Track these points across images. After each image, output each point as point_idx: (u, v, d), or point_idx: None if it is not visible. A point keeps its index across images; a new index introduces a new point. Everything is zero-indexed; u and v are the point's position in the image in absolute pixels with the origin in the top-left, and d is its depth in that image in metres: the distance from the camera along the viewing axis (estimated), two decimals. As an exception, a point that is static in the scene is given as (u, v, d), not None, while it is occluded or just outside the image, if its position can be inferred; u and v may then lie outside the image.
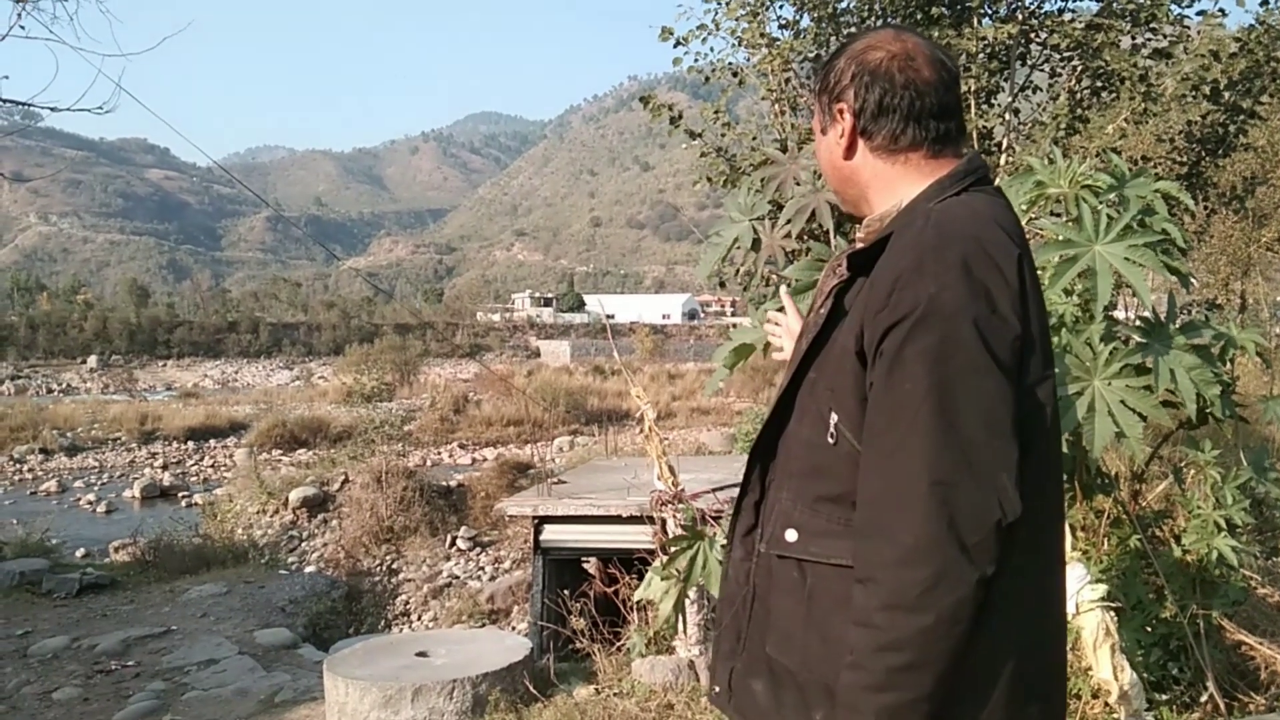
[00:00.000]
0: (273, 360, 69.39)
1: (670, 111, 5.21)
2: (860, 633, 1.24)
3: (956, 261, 1.24)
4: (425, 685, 4.62)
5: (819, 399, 1.38)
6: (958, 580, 1.19)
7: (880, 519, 1.24)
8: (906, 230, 1.32)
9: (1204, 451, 3.02)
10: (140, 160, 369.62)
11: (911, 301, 1.23)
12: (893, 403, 1.24)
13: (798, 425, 1.42)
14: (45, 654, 6.88)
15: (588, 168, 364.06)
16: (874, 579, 1.23)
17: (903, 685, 1.20)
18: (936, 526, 1.19)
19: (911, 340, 1.23)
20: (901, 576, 1.20)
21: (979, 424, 1.22)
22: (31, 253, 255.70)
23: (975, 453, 1.21)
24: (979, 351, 1.22)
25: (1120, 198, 2.81)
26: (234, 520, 13.67)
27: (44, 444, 26.99)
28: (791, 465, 1.42)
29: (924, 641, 1.19)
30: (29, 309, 77.19)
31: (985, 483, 1.21)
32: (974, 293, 1.23)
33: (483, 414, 27.77)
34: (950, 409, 1.21)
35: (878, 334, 1.26)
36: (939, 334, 1.22)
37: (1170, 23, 4.86)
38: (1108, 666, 2.36)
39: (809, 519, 1.38)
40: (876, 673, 1.21)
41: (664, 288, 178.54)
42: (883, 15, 5.03)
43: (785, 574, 1.40)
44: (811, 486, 1.38)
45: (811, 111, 4.85)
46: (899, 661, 1.20)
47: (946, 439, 1.21)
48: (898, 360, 1.24)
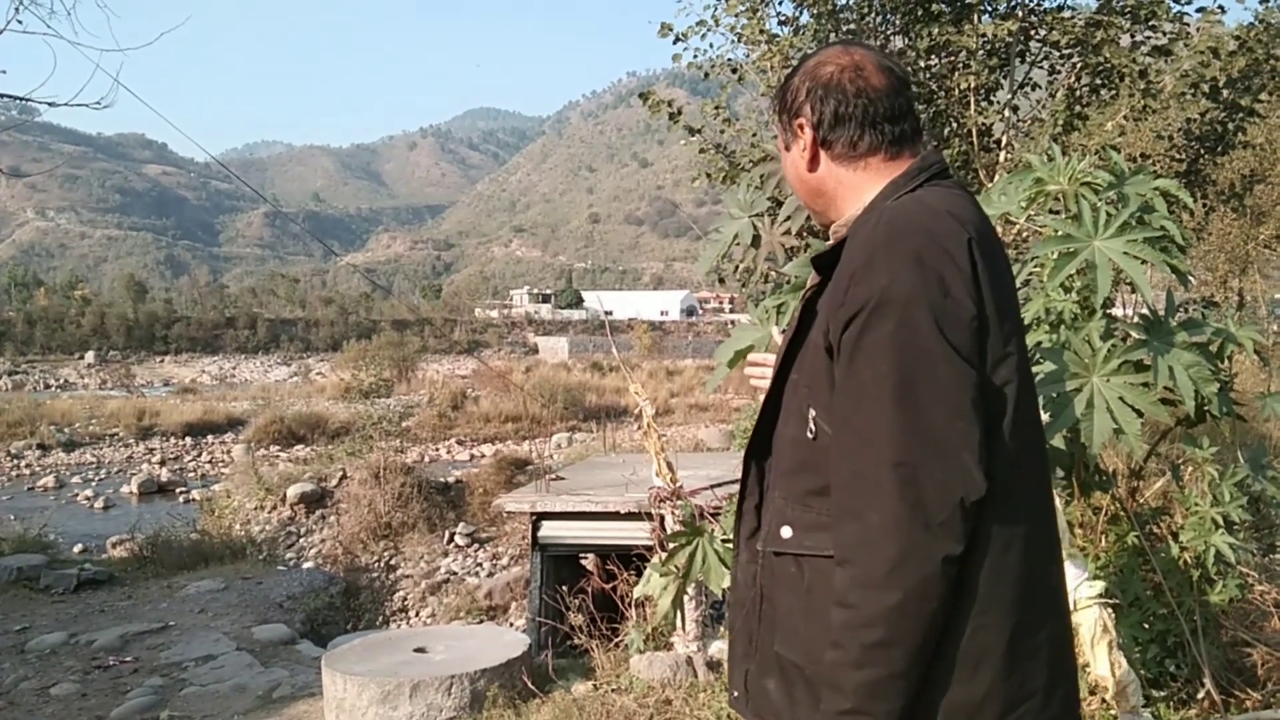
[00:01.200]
0: (270, 356, 69.32)
1: (670, 108, 5.20)
2: (838, 612, 1.28)
3: (908, 253, 1.29)
4: (424, 681, 4.63)
5: (800, 398, 1.43)
6: (924, 558, 1.22)
7: (850, 502, 1.29)
8: (860, 229, 1.38)
9: (1202, 449, 3.02)
10: (138, 155, 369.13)
11: (865, 294, 1.29)
12: (854, 390, 1.30)
13: (784, 426, 1.47)
14: (43, 649, 6.88)
15: (586, 164, 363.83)
16: (848, 560, 1.28)
17: (877, 661, 1.24)
18: (901, 506, 1.23)
19: (868, 330, 1.28)
20: (870, 555, 1.25)
21: (938, 406, 1.26)
22: (29, 248, 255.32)
23: (936, 434, 1.25)
24: (934, 337, 1.27)
25: (1119, 195, 2.81)
26: (232, 516, 13.67)
27: (41, 439, 26.97)
28: (782, 464, 1.47)
29: (895, 618, 1.23)
30: (26, 304, 77.11)
31: (947, 463, 1.25)
32: (926, 281, 1.28)
33: (481, 410, 27.78)
34: (909, 393, 1.26)
35: (838, 328, 1.32)
36: (893, 322, 1.27)
37: (1170, 20, 4.85)
38: (1105, 663, 2.37)
39: (800, 514, 1.42)
40: (853, 649, 1.25)
41: (662, 284, 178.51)
42: (882, 11, 5.03)
43: (785, 571, 1.44)
44: (800, 482, 1.42)
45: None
46: (872, 638, 1.24)
47: (907, 422, 1.25)
48: (856, 349, 1.29)
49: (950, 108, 5.04)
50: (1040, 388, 2.66)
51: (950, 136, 5.07)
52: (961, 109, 5.01)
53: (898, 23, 5.09)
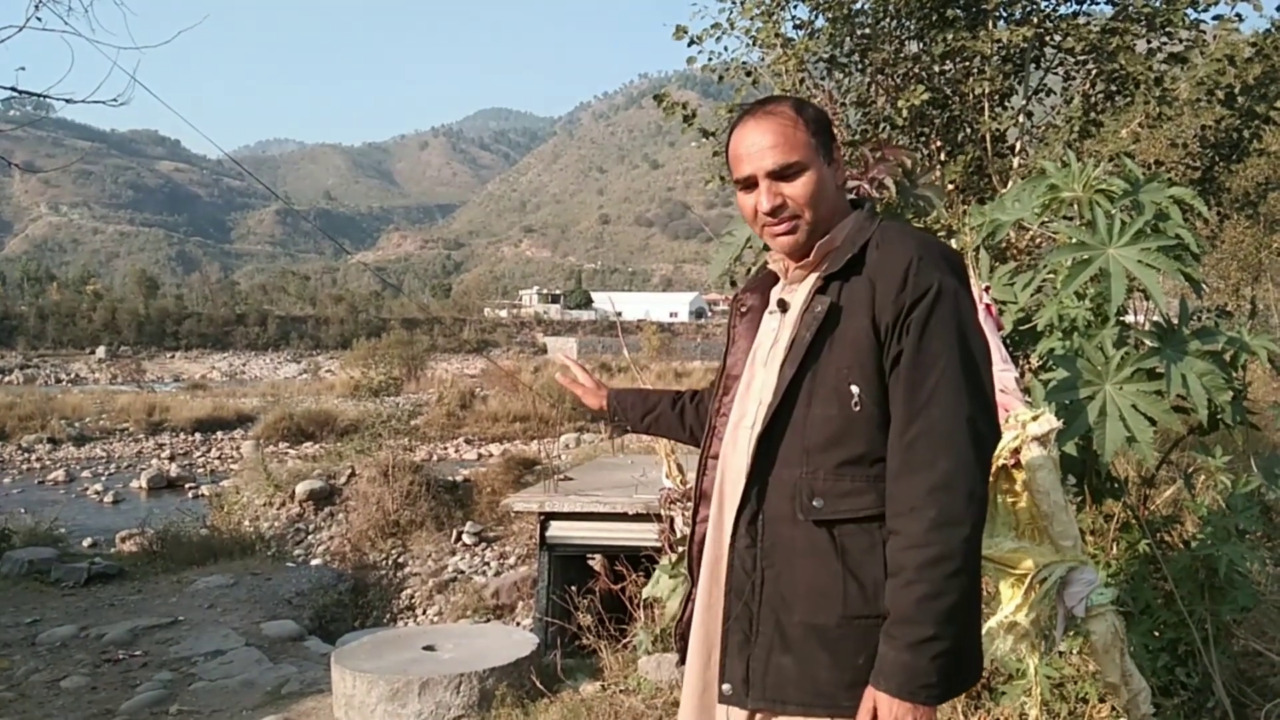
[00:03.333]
0: (280, 353, 69.50)
1: (684, 110, 5.21)
2: (909, 554, 1.49)
3: (940, 256, 1.61)
4: (432, 679, 4.64)
5: (831, 379, 1.61)
6: (983, 494, 1.52)
7: (920, 455, 1.52)
8: (888, 239, 1.65)
9: (1215, 457, 3.02)
10: (151, 152, 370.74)
11: (927, 282, 1.56)
12: (926, 361, 1.54)
13: (805, 410, 1.62)
14: (54, 642, 6.92)
15: (597, 165, 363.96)
16: (917, 506, 1.50)
17: (956, 588, 1.47)
18: (972, 452, 1.52)
19: (935, 310, 1.55)
20: (945, 497, 1.49)
21: (984, 369, 1.59)
22: (42, 243, 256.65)
23: (985, 393, 1.58)
24: (974, 317, 1.60)
25: (1134, 203, 2.80)
26: (241, 512, 13.71)
27: (52, 433, 27.08)
28: (808, 443, 1.61)
29: (967, 549, 1.49)
30: (38, 299, 77.44)
31: (992, 412, 1.58)
32: (958, 277, 1.61)
33: (489, 409, 27.77)
34: (969, 361, 1.56)
35: (903, 309, 1.56)
36: (952, 304, 1.56)
37: (1186, 27, 4.84)
38: (1116, 670, 2.36)
39: (833, 484, 1.59)
40: (933, 582, 1.47)
41: (672, 286, 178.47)
42: (897, 16, 5.03)
43: (814, 540, 1.60)
44: (832, 455, 1.60)
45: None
46: (950, 568, 1.47)
47: (970, 383, 1.55)
48: (926, 327, 1.55)
49: (964, 113, 5.03)
50: (1052, 395, 2.66)
51: (964, 142, 5.06)
52: (975, 114, 5.00)
53: (912, 28, 5.09)
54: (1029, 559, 2.28)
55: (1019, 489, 2.34)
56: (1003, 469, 2.33)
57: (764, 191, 1.67)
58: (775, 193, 1.67)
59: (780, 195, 1.67)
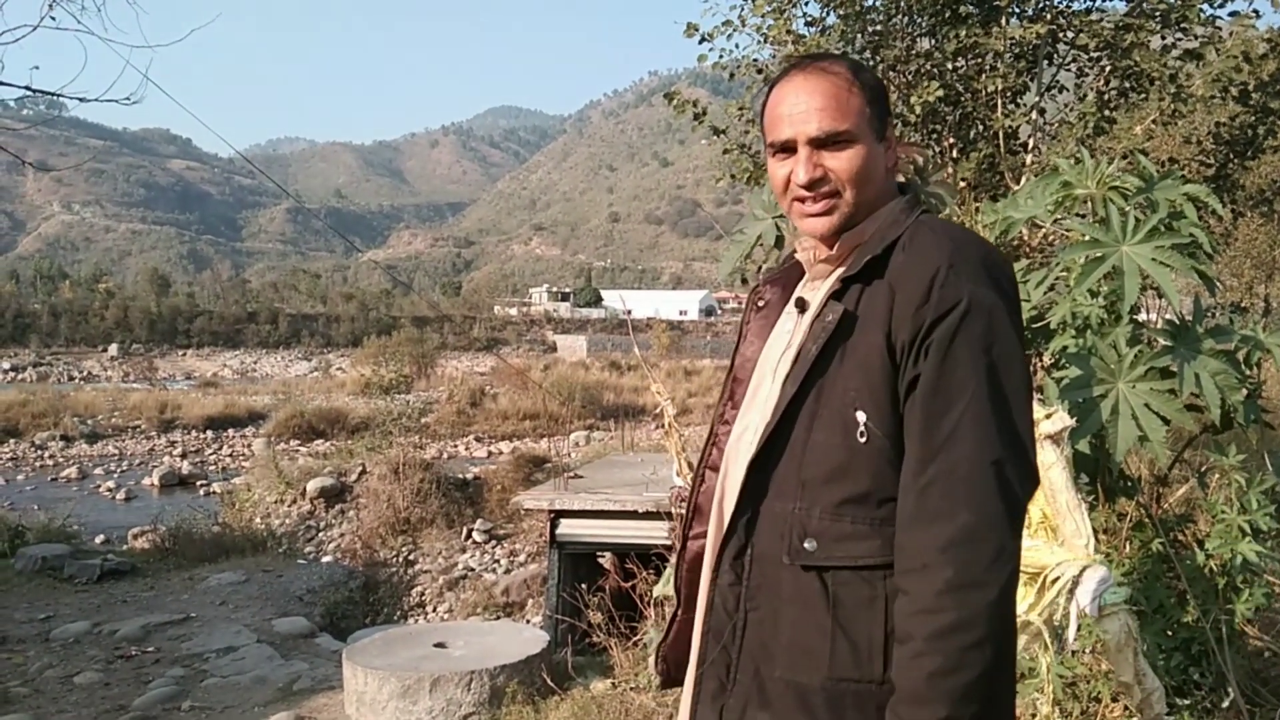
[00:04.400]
0: (291, 351, 69.75)
1: (694, 108, 5.20)
2: (918, 621, 1.24)
3: (979, 263, 1.33)
4: (443, 676, 4.65)
5: (837, 403, 1.36)
6: (1013, 552, 1.25)
7: (936, 503, 1.26)
8: (918, 239, 1.38)
9: (1228, 456, 3.00)
10: (163, 150, 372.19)
11: (955, 296, 1.30)
12: (946, 390, 1.29)
13: (806, 434, 1.38)
14: (67, 638, 6.96)
15: (607, 163, 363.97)
16: (930, 564, 1.24)
17: (971, 664, 1.21)
18: (997, 503, 1.25)
19: (962, 331, 1.29)
20: (964, 555, 1.23)
21: (1019, 406, 1.30)
22: (54, 241, 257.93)
23: (1018, 432, 1.29)
24: (1013, 340, 1.32)
25: (1148, 200, 2.79)
26: (252, 509, 13.77)
27: (65, 431, 27.23)
28: (804, 475, 1.37)
29: (990, 616, 1.22)
30: (51, 297, 77.89)
31: (1026, 457, 1.30)
32: (998, 290, 1.32)
33: (499, 407, 27.83)
34: (998, 393, 1.29)
35: (922, 327, 1.30)
36: (984, 324, 1.29)
37: (1201, 23, 4.81)
38: (1129, 670, 2.35)
39: (829, 525, 1.35)
40: (948, 655, 1.21)
41: (681, 284, 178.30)
42: (909, 13, 5.01)
43: (802, 586, 1.36)
44: (832, 491, 1.35)
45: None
46: (969, 640, 1.21)
47: (999, 421, 1.28)
48: (950, 351, 1.29)
49: (977, 110, 5.01)
50: (1066, 393, 2.65)
51: (977, 139, 5.04)
52: (988, 111, 4.98)
53: (925, 24, 5.07)
54: (1042, 558, 2.27)
55: (1032, 487, 2.33)
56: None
57: (803, 160, 1.42)
58: (816, 163, 1.42)
59: (821, 167, 1.42)
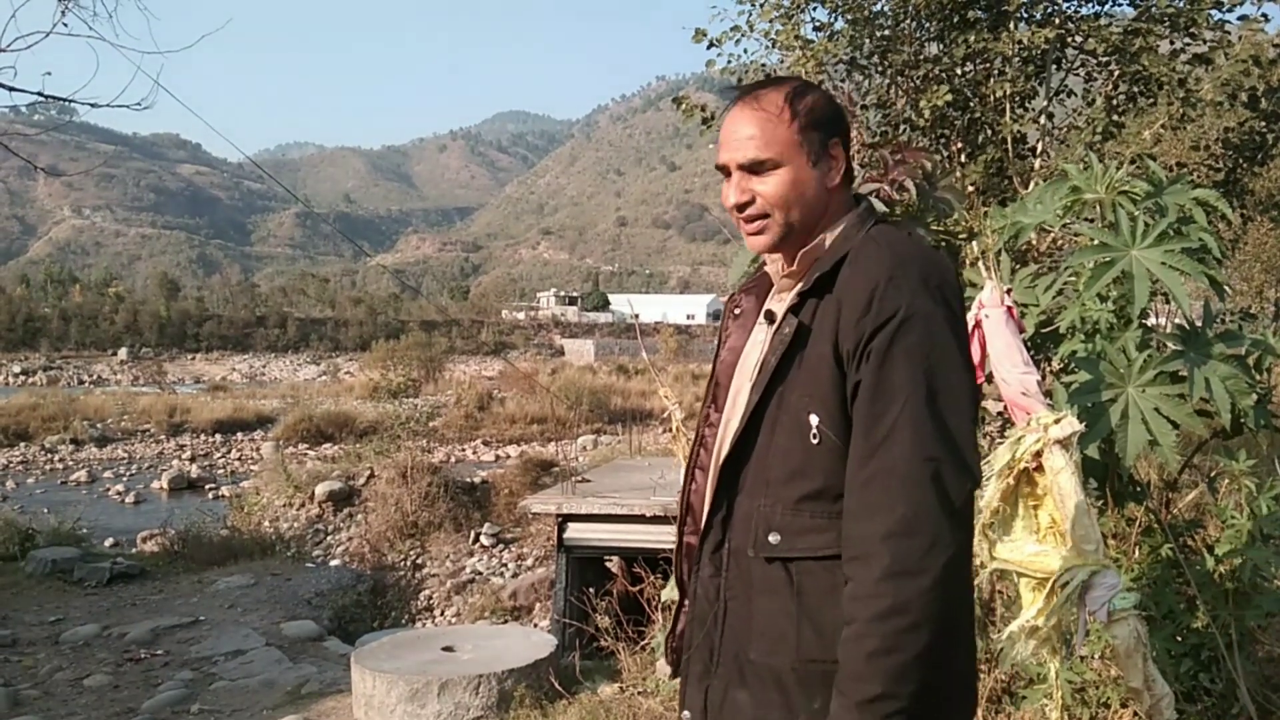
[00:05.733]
0: (300, 355, 69.92)
1: (702, 112, 5.21)
2: (860, 605, 1.35)
3: (918, 274, 1.44)
4: (452, 680, 4.66)
5: (794, 408, 1.49)
6: (949, 543, 1.35)
7: (875, 497, 1.38)
8: (863, 254, 1.49)
9: (1238, 461, 3.00)
10: (172, 155, 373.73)
11: (893, 306, 1.41)
12: (884, 395, 1.40)
13: (771, 438, 1.51)
14: (77, 641, 6.99)
15: (614, 167, 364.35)
16: (871, 553, 1.36)
17: (907, 646, 1.32)
18: (930, 497, 1.35)
19: (899, 338, 1.40)
20: (899, 545, 1.34)
21: (956, 408, 1.41)
22: (65, 245, 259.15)
23: (956, 433, 1.40)
24: (950, 346, 1.43)
25: (1157, 205, 2.79)
26: (261, 513, 13.81)
27: (75, 434, 27.35)
28: (768, 474, 1.50)
29: (925, 602, 1.33)
30: (61, 301, 78.19)
31: (962, 458, 1.39)
32: (936, 299, 1.43)
33: (507, 411, 27.85)
34: (934, 396, 1.39)
35: (863, 336, 1.42)
36: (920, 333, 1.40)
37: (1210, 28, 4.80)
38: (1139, 675, 2.35)
39: (791, 520, 1.48)
40: (885, 636, 1.33)
41: (689, 288, 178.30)
42: (917, 18, 5.01)
43: (769, 576, 1.49)
44: (792, 489, 1.48)
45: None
46: (904, 623, 1.32)
47: (934, 422, 1.38)
48: (888, 356, 1.40)
49: (985, 115, 5.01)
50: (1075, 398, 2.65)
51: (985, 143, 5.03)
52: (997, 116, 4.97)
53: (933, 29, 5.07)
54: (1050, 563, 2.27)
55: (1040, 492, 2.33)
56: (1025, 473, 2.32)
57: (734, 185, 1.58)
58: (744, 188, 1.57)
59: (750, 191, 1.57)
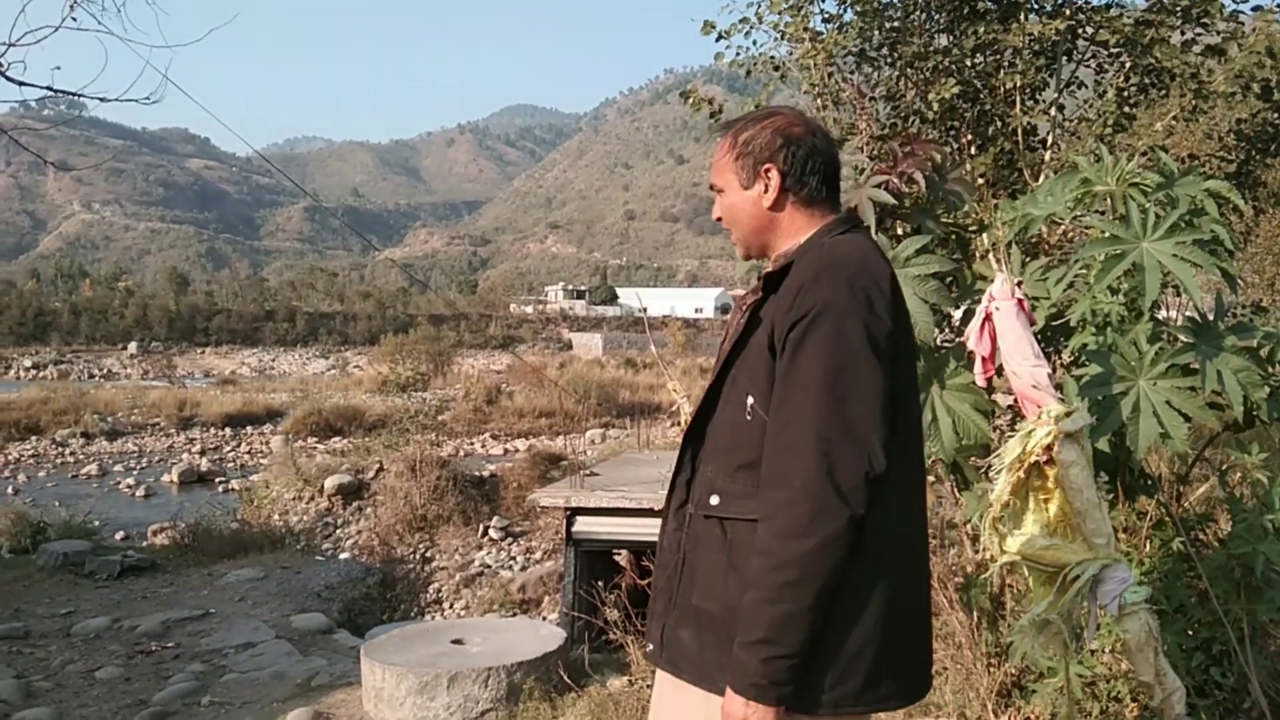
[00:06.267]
0: (309, 349, 70.08)
1: (710, 105, 5.19)
2: (757, 560, 1.57)
3: (844, 276, 1.62)
4: (461, 672, 4.67)
5: (740, 388, 1.72)
6: (834, 515, 1.53)
7: (778, 469, 1.59)
8: (806, 255, 1.71)
9: (1250, 454, 2.98)
10: (181, 150, 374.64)
11: (810, 303, 1.60)
12: (793, 379, 1.60)
13: (723, 412, 1.75)
14: (88, 633, 7.02)
15: (622, 161, 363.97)
16: (771, 516, 1.58)
17: (788, 598, 1.53)
18: (819, 472, 1.54)
19: (810, 331, 1.59)
20: (792, 511, 1.55)
21: (857, 397, 1.58)
22: (75, 240, 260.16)
23: (853, 419, 1.57)
24: (861, 341, 1.59)
25: (1168, 196, 2.77)
26: (270, 506, 13.86)
27: (85, 428, 27.46)
28: (718, 444, 1.75)
29: (807, 562, 1.52)
30: (72, 295, 78.57)
31: (859, 442, 1.56)
32: (856, 299, 1.61)
33: (515, 405, 27.87)
34: (836, 384, 1.57)
35: (785, 328, 1.62)
36: (830, 326, 1.59)
37: (1223, 18, 4.75)
38: (1149, 669, 2.34)
39: (729, 485, 1.70)
40: (769, 588, 1.54)
41: (697, 281, 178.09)
42: (927, 9, 4.98)
43: (710, 533, 1.72)
44: (732, 458, 1.71)
45: (853, 107, 4.76)
46: (787, 578, 1.52)
47: (832, 407, 1.57)
48: (800, 346, 1.60)
49: (995, 107, 4.97)
50: (1085, 390, 2.64)
51: (995, 136, 5.00)
52: (1007, 108, 4.94)
53: (943, 20, 5.04)
54: (1061, 556, 2.26)
55: (1051, 486, 2.32)
56: (1035, 466, 2.31)
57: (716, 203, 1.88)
58: (716, 206, 1.88)
59: (718, 208, 1.88)
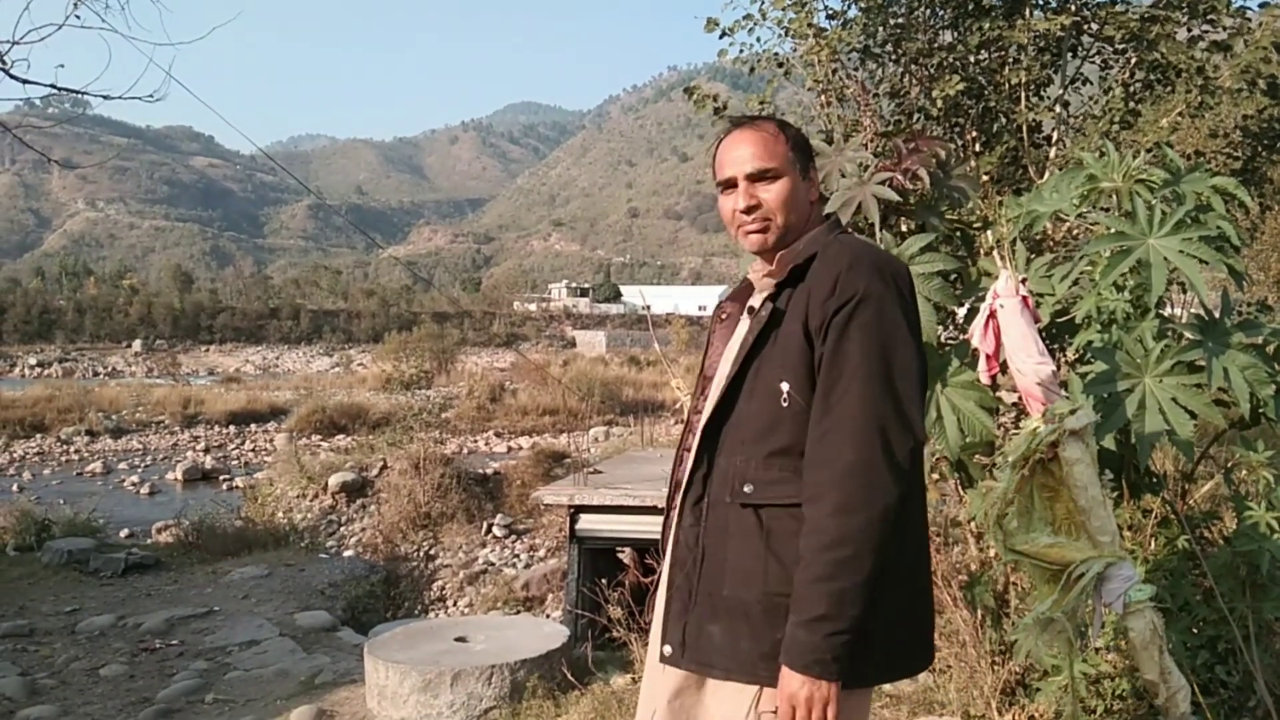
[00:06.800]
0: (313, 347, 70.23)
1: (714, 102, 5.17)
2: (810, 538, 1.61)
3: (876, 266, 1.73)
4: (464, 670, 4.67)
5: (768, 377, 1.75)
6: (887, 489, 1.60)
7: (829, 449, 1.63)
8: (829, 251, 1.79)
9: (1257, 452, 2.96)
10: (185, 148, 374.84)
11: (852, 289, 1.69)
12: (841, 361, 1.66)
13: (746, 404, 1.77)
14: (93, 631, 7.03)
15: (626, 158, 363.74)
16: (822, 495, 1.61)
17: (846, 574, 1.57)
18: (875, 450, 1.61)
19: (856, 315, 1.67)
20: (846, 486, 1.60)
21: (902, 375, 1.67)
22: (79, 238, 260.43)
23: (901, 396, 1.66)
24: (899, 323, 1.70)
25: (1174, 193, 2.76)
26: (274, 504, 13.87)
27: (90, 426, 27.54)
28: (744, 434, 1.76)
29: (863, 537, 1.58)
30: (76, 293, 78.71)
31: (906, 419, 1.65)
32: (888, 284, 1.71)
33: (519, 403, 27.89)
34: (883, 364, 1.66)
35: (828, 314, 1.69)
36: (874, 310, 1.68)
37: (1230, 14, 4.73)
38: (1154, 667, 2.33)
39: (762, 472, 1.72)
40: (826, 565, 1.57)
41: (701, 279, 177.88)
42: (931, 6, 4.96)
43: (744, 521, 1.73)
44: (763, 446, 1.73)
45: (858, 104, 4.74)
46: (844, 554, 1.57)
47: (882, 386, 1.65)
48: (845, 331, 1.67)
49: (1000, 103, 4.95)
50: (1091, 388, 2.63)
51: (1000, 132, 4.98)
52: (1012, 105, 4.92)
53: (947, 17, 5.02)
54: (1066, 554, 2.25)
55: (1056, 484, 2.31)
56: (1040, 463, 2.30)
57: (742, 192, 1.85)
58: (751, 194, 1.85)
59: (755, 197, 1.85)
